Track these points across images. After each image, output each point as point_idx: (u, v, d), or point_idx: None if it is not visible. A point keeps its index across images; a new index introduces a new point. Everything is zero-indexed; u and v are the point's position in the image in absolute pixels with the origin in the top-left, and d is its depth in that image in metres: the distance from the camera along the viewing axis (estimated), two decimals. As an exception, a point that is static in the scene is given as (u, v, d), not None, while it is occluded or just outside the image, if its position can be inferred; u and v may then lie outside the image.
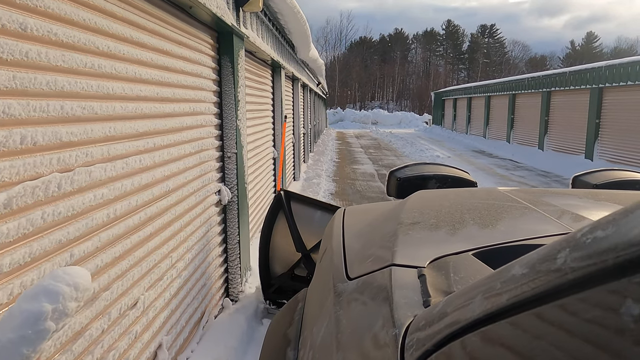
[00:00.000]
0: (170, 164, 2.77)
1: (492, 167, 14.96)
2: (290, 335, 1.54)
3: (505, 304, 0.57)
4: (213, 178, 3.70)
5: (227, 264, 4.12)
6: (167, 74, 2.70)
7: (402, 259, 1.20)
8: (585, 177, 2.80)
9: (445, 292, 0.95)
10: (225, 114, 3.93)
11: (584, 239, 0.49)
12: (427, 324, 0.77)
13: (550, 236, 1.29)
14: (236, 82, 3.96)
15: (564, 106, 16.19)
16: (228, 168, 4.00)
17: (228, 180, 4.02)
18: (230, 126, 3.94)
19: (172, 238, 2.80)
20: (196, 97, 3.26)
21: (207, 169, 3.54)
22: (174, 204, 2.84)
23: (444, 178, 2.77)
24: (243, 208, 4.24)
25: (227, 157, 3.99)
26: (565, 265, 0.49)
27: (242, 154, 4.19)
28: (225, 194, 3.88)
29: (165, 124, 2.67)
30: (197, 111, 3.28)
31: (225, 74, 3.91)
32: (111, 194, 2.02)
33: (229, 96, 3.91)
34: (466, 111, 27.74)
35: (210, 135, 3.62)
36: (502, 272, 0.64)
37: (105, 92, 1.97)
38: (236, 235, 4.09)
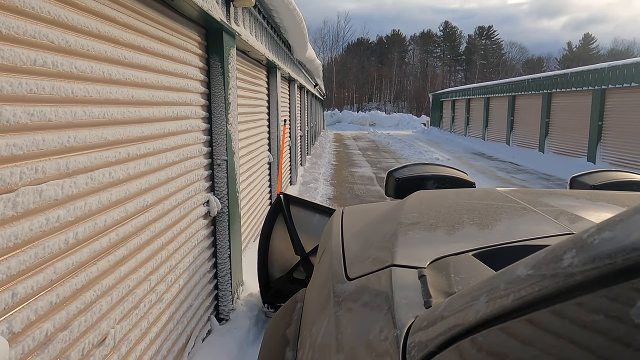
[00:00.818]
0: (149, 175, 2.45)
1: (492, 170, 14.68)
2: (289, 335, 1.53)
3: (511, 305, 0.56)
4: (201, 188, 3.38)
5: (217, 280, 3.81)
6: (145, 74, 2.38)
7: (402, 259, 1.19)
8: (583, 177, 2.78)
9: (446, 293, 0.95)
10: (215, 118, 3.62)
11: (591, 239, 0.49)
12: (430, 324, 0.76)
13: (550, 237, 1.28)
14: (227, 83, 3.65)
15: (565, 108, 15.93)
16: (218, 176, 3.69)
17: (218, 189, 3.70)
18: (220, 131, 3.63)
19: (151, 259, 2.48)
20: (181, 99, 2.95)
21: (194, 179, 3.23)
22: (154, 220, 2.53)
23: (442, 178, 2.76)
24: (234, 219, 3.93)
25: (217, 164, 3.67)
26: (572, 266, 0.49)
27: (234, 160, 3.88)
28: (214, 205, 3.56)
29: (142, 131, 2.36)
30: (182, 115, 2.97)
31: (214, 75, 3.59)
32: (70, 215, 1.70)
33: (219, 98, 3.60)
34: (465, 113, 27.48)
35: (198, 142, 3.31)
36: (506, 272, 0.63)
37: (62, 94, 1.66)
38: (227, 248, 3.78)
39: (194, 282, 3.23)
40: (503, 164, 16.32)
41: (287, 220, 3.98)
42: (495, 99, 22.94)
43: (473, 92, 26.16)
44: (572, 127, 15.35)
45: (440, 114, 34.19)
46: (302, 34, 6.75)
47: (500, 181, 12.46)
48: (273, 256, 4.02)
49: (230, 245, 3.78)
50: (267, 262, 4.02)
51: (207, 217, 3.58)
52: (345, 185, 11.36)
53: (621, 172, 2.93)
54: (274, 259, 4.02)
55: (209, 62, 3.59)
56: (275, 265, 4.02)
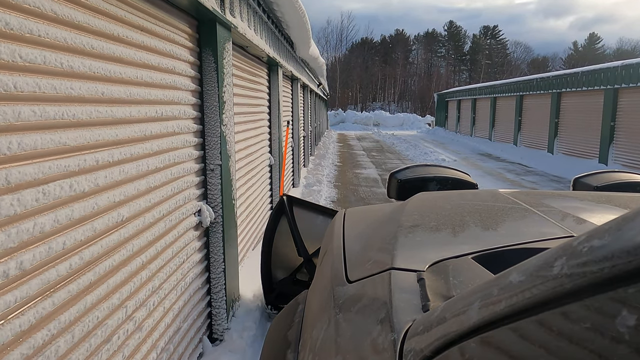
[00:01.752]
0: (125, 185, 2.11)
1: (501, 171, 14.29)
2: (291, 337, 1.51)
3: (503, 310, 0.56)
4: (191, 196, 3.04)
5: (211, 297, 3.47)
6: (119, 68, 2.04)
7: (402, 262, 1.18)
8: (586, 179, 2.76)
9: (445, 297, 0.94)
10: (208, 119, 3.28)
11: (581, 247, 0.49)
12: (426, 329, 0.75)
13: (551, 239, 1.27)
14: (221, 80, 3.31)
15: (576, 108, 15.51)
16: (211, 183, 3.35)
17: (211, 197, 3.36)
18: (214, 133, 3.29)
19: (127, 282, 2.14)
20: (166, 98, 2.61)
21: (183, 186, 2.89)
22: (132, 237, 2.19)
23: (444, 180, 2.74)
24: (230, 228, 3.59)
25: (210, 169, 3.33)
26: (562, 273, 0.49)
27: (229, 164, 3.54)
28: (207, 214, 3.22)
29: (116, 134, 2.02)
30: (168, 115, 2.62)
31: (207, 71, 3.25)
32: (11, 241, 1.36)
33: (212, 97, 3.26)
34: (471, 113, 27.07)
35: (187, 145, 2.97)
36: (499, 278, 0.63)
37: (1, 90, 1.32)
38: (221, 262, 3.44)
39: (183, 302, 2.89)
40: (511, 165, 15.91)
41: (290, 222, 3.93)
42: (502, 99, 22.52)
43: (479, 92, 25.73)
44: (582, 128, 14.94)
45: (446, 114, 33.76)
46: (305, 29, 6.39)
47: (510, 183, 12.07)
48: (276, 258, 3.98)
49: (225, 258, 3.44)
50: (270, 264, 3.97)
51: (199, 228, 3.24)
52: (350, 188, 11.01)
53: (624, 173, 2.88)
54: (277, 260, 3.98)
55: (201, 56, 3.24)
56: (278, 267, 3.98)
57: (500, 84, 22.56)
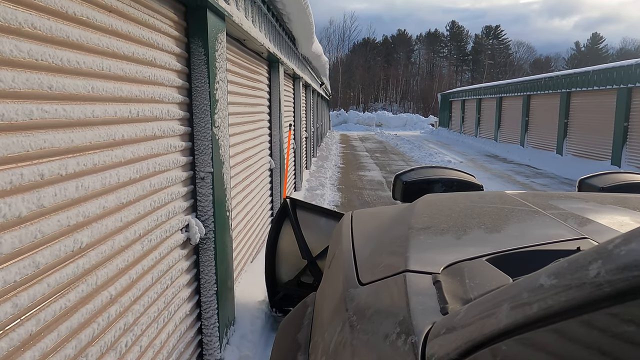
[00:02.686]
0: (85, 203, 1.69)
1: (509, 173, 13.84)
2: (300, 339, 1.49)
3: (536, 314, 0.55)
4: (177, 210, 2.62)
5: (201, 323, 3.04)
6: (75, 56, 1.61)
7: (416, 264, 1.17)
8: (591, 180, 2.75)
9: (462, 299, 0.94)
10: (197, 119, 2.85)
11: (618, 250, 0.48)
12: (449, 331, 0.75)
13: (563, 241, 1.26)
14: (212, 76, 2.89)
15: (586, 108, 15.04)
16: (201, 193, 2.92)
17: (201, 209, 2.93)
18: (204, 136, 2.86)
19: (88, 325, 1.71)
20: (144, 95, 2.18)
21: (166, 199, 2.46)
22: (94, 267, 1.76)
23: (450, 182, 2.72)
24: (223, 244, 3.16)
25: (200, 178, 2.90)
26: (600, 277, 0.48)
27: (223, 171, 3.11)
28: (196, 230, 2.79)
29: (71, 139, 1.59)
30: (145, 116, 2.20)
31: (196, 64, 2.83)
32: None
33: (202, 95, 2.83)
34: (475, 113, 26.59)
35: (172, 150, 2.54)
36: (527, 281, 0.63)
37: None
38: (213, 283, 3.01)
39: (166, 335, 2.46)
40: (520, 167, 15.45)
41: (293, 225, 3.91)
42: (508, 99, 22.05)
43: (484, 92, 25.26)
44: (593, 129, 14.46)
45: (450, 114, 33.28)
46: (308, 22, 5.96)
47: (520, 186, 11.62)
48: (280, 260, 3.98)
49: (217, 279, 3.01)
50: (274, 267, 3.96)
51: (187, 245, 2.81)
52: (354, 191, 10.59)
53: (630, 174, 2.87)
54: (281, 263, 3.98)
55: (189, 48, 2.82)
56: (282, 270, 3.97)
57: (507, 84, 22.09)
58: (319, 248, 3.77)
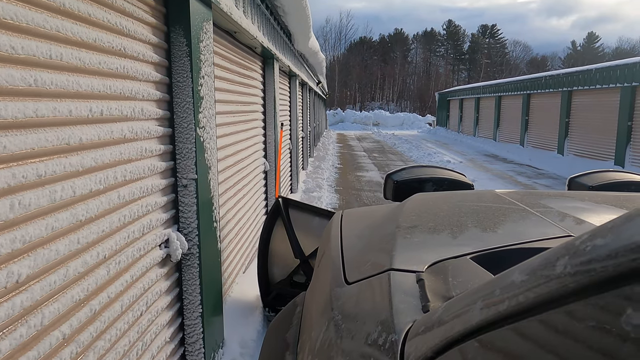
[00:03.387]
0: (24, 225, 1.34)
1: (510, 174, 13.53)
2: (289, 339, 1.50)
3: (505, 310, 0.55)
4: (154, 223, 2.27)
5: (185, 348, 2.70)
6: (19, 40, 1.27)
7: (401, 263, 1.17)
8: (581, 178, 2.77)
9: (444, 297, 0.93)
10: (179, 119, 2.51)
11: (584, 246, 0.48)
12: (426, 329, 0.75)
13: (549, 239, 1.27)
14: (196, 70, 2.54)
15: (588, 107, 14.74)
16: (183, 203, 2.58)
17: (184, 221, 2.59)
18: (187, 137, 2.52)
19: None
20: (111, 90, 1.84)
21: (140, 212, 2.11)
22: (40, 304, 1.42)
23: (440, 181, 2.74)
24: (210, 259, 2.82)
25: (182, 185, 2.56)
26: (565, 272, 0.48)
27: (209, 177, 2.77)
28: (177, 245, 2.45)
29: (3, 145, 1.24)
30: (112, 115, 1.85)
31: (177, 56, 2.48)
32: None
33: (184, 91, 2.49)
34: (474, 112, 26.29)
35: (147, 155, 2.20)
36: (501, 278, 0.63)
37: None
38: (198, 304, 2.67)
39: (140, 370, 2.11)
40: (520, 167, 15.14)
41: (286, 224, 3.89)
42: (507, 98, 21.75)
43: (483, 91, 24.95)
44: (596, 128, 14.16)
45: (447, 113, 32.99)
46: (305, 16, 5.61)
47: (523, 187, 11.30)
48: (273, 260, 3.96)
49: (202, 299, 2.67)
50: (267, 266, 3.93)
51: (167, 263, 2.47)
52: (352, 193, 10.25)
53: (619, 172, 2.90)
54: (273, 262, 3.95)
55: (169, 38, 2.47)
56: (275, 269, 3.94)
57: (506, 82, 21.80)
58: (312, 247, 3.75)
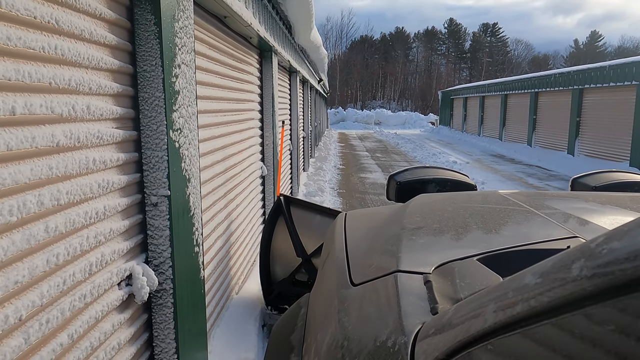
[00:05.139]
0: None
1: (520, 175, 12.96)
2: (294, 341, 1.49)
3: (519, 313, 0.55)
4: (109, 257, 1.72)
5: (157, 407, 2.15)
6: None
7: (407, 265, 1.17)
8: (584, 179, 2.75)
9: (452, 299, 0.93)
10: (146, 120, 1.96)
11: (600, 249, 0.48)
12: (437, 332, 0.75)
13: (554, 240, 1.26)
14: (170, 56, 1.99)
15: (601, 105, 14.16)
16: (153, 226, 2.03)
17: (153, 249, 2.04)
18: (157, 143, 1.97)
19: None
20: (39, 79, 1.29)
21: (86, 245, 1.56)
22: None
23: (443, 182, 2.73)
24: (189, 295, 2.27)
25: (151, 204, 2.01)
26: (582, 275, 0.47)
27: (188, 192, 2.22)
28: (142, 282, 1.90)
29: None
30: (36, 115, 1.30)
31: (144, 38, 1.93)
32: None
33: (153, 83, 1.94)
34: (479, 111, 25.71)
35: (99, 167, 1.65)
36: (513, 280, 0.62)
37: None
38: (173, 352, 2.12)
39: None
40: (530, 168, 14.57)
41: (287, 222, 3.85)
42: (514, 96, 21.16)
43: (488, 89, 24.35)
44: (609, 127, 13.59)
45: (451, 112, 32.39)
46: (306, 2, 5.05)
47: (535, 190, 10.75)
48: (275, 258, 3.92)
49: (178, 346, 2.12)
50: (269, 265, 3.90)
51: (130, 305, 1.92)
52: (356, 196, 9.71)
53: (622, 172, 2.88)
54: (275, 261, 3.92)
55: (132, 14, 1.92)
56: (277, 268, 3.91)
57: (512, 81, 21.21)
58: (314, 246, 3.70)
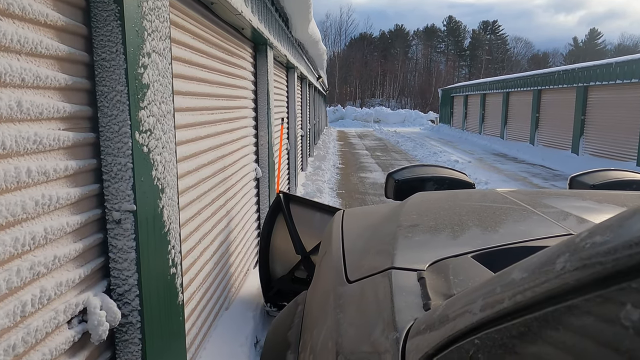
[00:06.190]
0: None
1: (524, 175, 12.62)
2: (291, 338, 1.49)
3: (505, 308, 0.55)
4: (55, 291, 1.37)
5: None
6: None
7: (402, 261, 1.17)
8: (582, 177, 2.76)
9: (445, 295, 0.94)
10: (105, 119, 1.61)
11: (583, 243, 0.48)
12: (428, 327, 0.76)
13: (550, 238, 1.27)
14: (133, 42, 1.64)
15: (607, 103, 13.82)
16: (116, 248, 1.68)
17: (117, 276, 1.69)
18: (119, 148, 1.62)
19: None
20: None
21: (26, 276, 1.21)
22: None
23: (441, 180, 2.73)
24: (162, 326, 1.92)
25: (114, 221, 1.66)
26: (565, 269, 0.48)
27: (160, 205, 1.87)
28: (101, 318, 1.55)
29: None
30: None
31: (100, 19, 1.58)
32: None
33: (113, 75, 1.59)
34: (479, 109, 25.36)
35: (40, 179, 1.30)
36: (501, 276, 0.63)
37: None
38: (142, 397, 1.77)
39: None
40: (533, 167, 14.24)
41: (287, 220, 3.85)
42: (516, 94, 20.82)
43: (490, 87, 24.00)
44: (615, 126, 13.25)
45: (451, 110, 32.03)
46: (304, -9, 4.69)
47: (541, 191, 10.42)
48: (274, 255, 3.92)
49: (149, 390, 1.77)
50: (268, 262, 3.90)
51: (86, 346, 1.56)
52: (356, 197, 9.37)
53: (620, 171, 2.88)
54: (275, 258, 3.92)
55: (89, -10, 1.56)
56: (276, 265, 3.91)
57: (515, 78, 20.86)
58: (313, 243, 3.69)
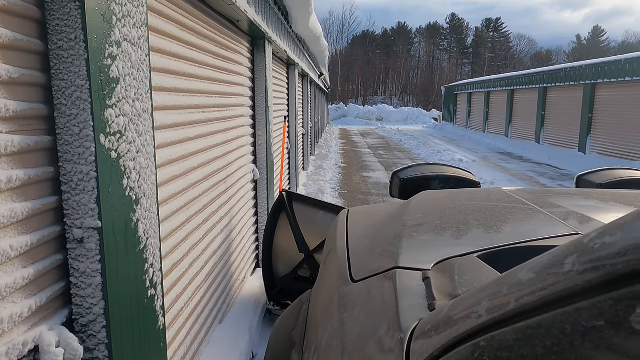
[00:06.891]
0: None
1: (530, 175, 12.35)
2: (295, 337, 1.50)
3: (513, 309, 0.55)
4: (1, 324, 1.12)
5: None
6: None
7: (407, 261, 1.17)
8: (589, 176, 2.73)
9: (451, 295, 0.93)
10: (63, 120, 1.35)
11: (592, 244, 0.48)
12: (433, 328, 0.75)
13: (557, 237, 1.26)
14: (97, 28, 1.38)
15: (615, 101, 13.51)
16: (78, 271, 1.42)
17: (79, 305, 1.44)
18: (79, 153, 1.36)
19: None
20: None
21: None
22: None
23: (447, 179, 2.72)
24: (137, 357, 1.67)
25: (75, 240, 1.40)
26: (574, 270, 0.47)
27: (135, 219, 1.62)
28: (55, 357, 1.29)
29: None
30: None
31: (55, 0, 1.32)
32: None
33: (72, 67, 1.33)
34: (484, 107, 25.04)
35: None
36: (508, 276, 0.62)
37: None
38: None
39: None
40: (540, 167, 13.95)
41: (290, 218, 3.85)
42: (521, 92, 20.50)
43: (494, 85, 23.69)
44: (624, 124, 12.95)
45: (455, 108, 31.71)
46: (304, -18, 4.42)
47: (548, 191, 10.15)
48: (277, 254, 3.92)
49: None
50: (272, 260, 3.89)
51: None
52: (359, 197, 9.12)
53: (628, 170, 2.84)
54: (278, 257, 3.92)
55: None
56: (279, 263, 3.91)
57: (520, 75, 20.55)
58: (316, 241, 3.67)
